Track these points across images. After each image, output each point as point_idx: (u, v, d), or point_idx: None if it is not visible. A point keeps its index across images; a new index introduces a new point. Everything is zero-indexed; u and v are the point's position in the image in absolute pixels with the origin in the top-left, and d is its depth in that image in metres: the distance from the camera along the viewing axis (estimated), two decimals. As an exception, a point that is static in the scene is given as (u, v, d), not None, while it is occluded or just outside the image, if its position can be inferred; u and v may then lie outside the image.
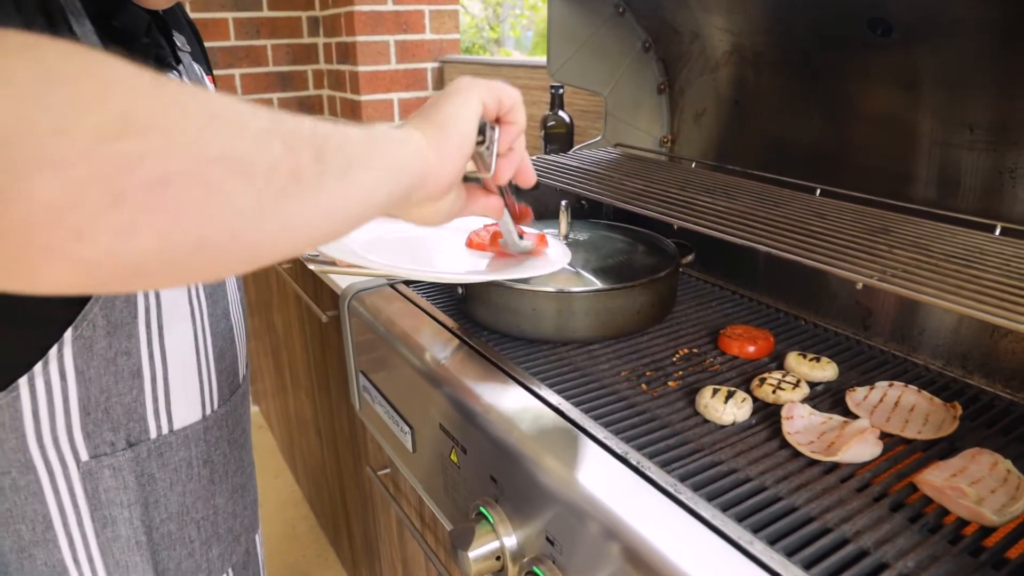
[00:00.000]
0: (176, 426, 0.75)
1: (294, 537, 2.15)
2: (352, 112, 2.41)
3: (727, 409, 0.75)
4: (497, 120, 0.61)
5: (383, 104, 2.36)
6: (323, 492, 1.95)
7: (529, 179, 0.66)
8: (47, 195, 0.27)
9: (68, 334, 0.64)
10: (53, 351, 0.64)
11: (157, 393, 0.72)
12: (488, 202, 0.66)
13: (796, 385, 0.80)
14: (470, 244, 0.91)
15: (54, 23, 0.58)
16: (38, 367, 0.64)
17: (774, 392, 0.79)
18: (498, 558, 0.71)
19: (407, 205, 0.53)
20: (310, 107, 2.65)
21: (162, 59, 0.73)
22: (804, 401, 0.78)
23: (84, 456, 0.69)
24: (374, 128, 0.47)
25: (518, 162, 0.64)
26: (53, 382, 0.65)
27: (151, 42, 0.71)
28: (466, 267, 0.87)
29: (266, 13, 2.47)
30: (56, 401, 0.66)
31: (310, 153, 0.38)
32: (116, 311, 0.66)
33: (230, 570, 0.86)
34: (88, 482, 0.69)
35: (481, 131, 0.59)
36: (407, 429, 0.95)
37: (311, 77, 2.63)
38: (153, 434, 0.73)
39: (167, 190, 0.30)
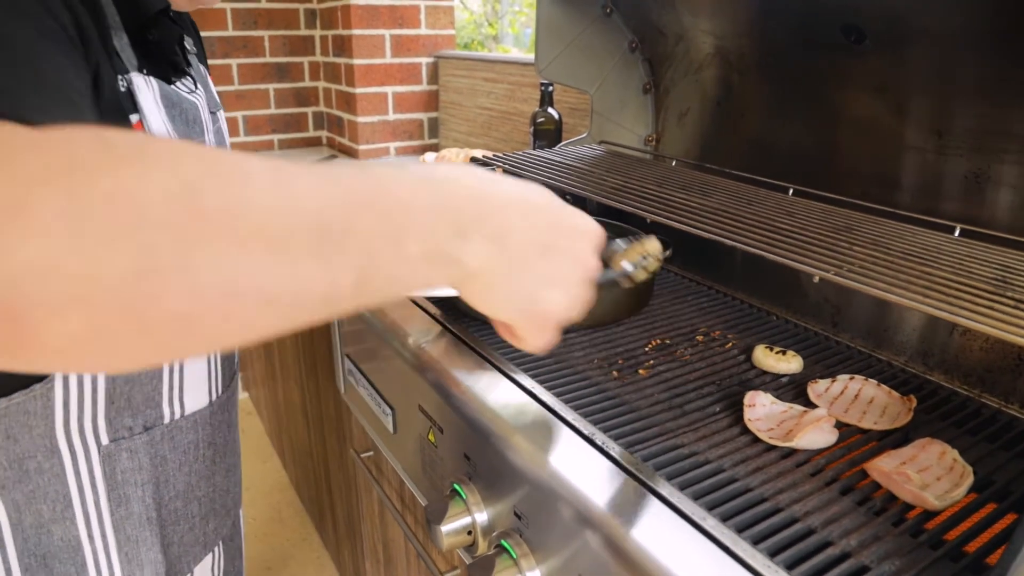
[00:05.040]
0: (187, 411, 0.79)
1: (280, 520, 2.18)
2: (347, 104, 2.43)
3: (693, 396, 0.78)
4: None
5: (377, 97, 2.39)
6: (309, 476, 1.98)
7: None
8: (74, 328, 0.28)
9: None
10: None
11: (173, 382, 0.76)
12: None
13: (761, 376, 0.83)
14: None
15: (86, 38, 0.58)
16: None
17: (739, 382, 0.82)
18: (469, 532, 0.75)
19: None
20: (305, 98, 2.67)
21: (176, 66, 0.75)
22: (767, 391, 0.82)
23: (105, 440, 0.72)
24: (435, 238, 0.39)
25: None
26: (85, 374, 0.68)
27: (178, 53, 0.74)
28: None
29: (264, 4, 2.49)
30: (86, 391, 0.69)
31: (351, 278, 0.34)
32: None
33: (220, 542, 0.89)
34: (107, 464, 0.73)
35: None
36: (389, 411, 0.98)
37: (307, 68, 2.65)
38: (167, 419, 0.77)
39: (190, 323, 0.30)
